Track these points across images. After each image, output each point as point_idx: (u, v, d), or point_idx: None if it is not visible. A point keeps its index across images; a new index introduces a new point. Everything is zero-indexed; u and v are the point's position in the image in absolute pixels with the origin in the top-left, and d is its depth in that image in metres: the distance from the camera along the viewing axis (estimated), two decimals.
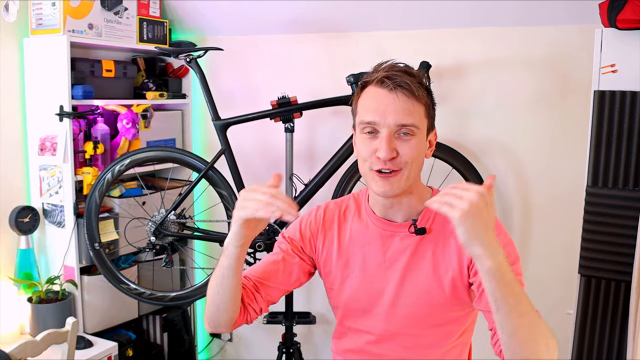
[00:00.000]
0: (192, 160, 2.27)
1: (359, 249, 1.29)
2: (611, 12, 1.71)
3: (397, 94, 1.15)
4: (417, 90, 1.15)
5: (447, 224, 1.20)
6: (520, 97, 2.19)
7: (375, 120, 1.16)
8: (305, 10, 2.41)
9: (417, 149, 1.17)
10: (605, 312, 1.85)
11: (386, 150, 1.14)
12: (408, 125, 1.15)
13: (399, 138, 1.16)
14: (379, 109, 1.16)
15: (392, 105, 1.15)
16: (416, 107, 1.16)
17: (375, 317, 1.28)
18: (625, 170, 1.78)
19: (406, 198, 1.24)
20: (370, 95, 1.19)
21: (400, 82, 1.15)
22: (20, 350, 1.61)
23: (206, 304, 1.27)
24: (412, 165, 1.17)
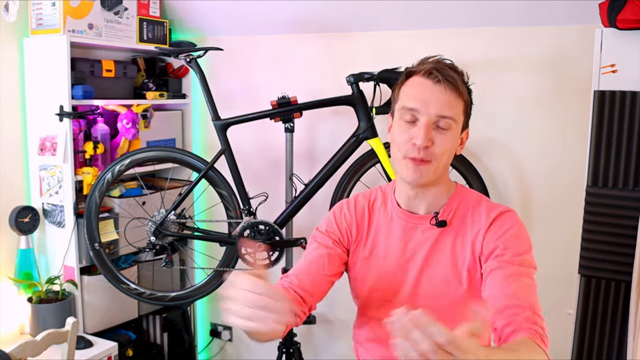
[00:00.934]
0: (192, 160, 2.27)
1: (383, 240, 1.32)
2: (611, 12, 1.71)
3: (443, 86, 1.19)
4: (461, 86, 1.21)
5: (465, 217, 1.26)
6: (520, 97, 2.19)
7: (417, 107, 1.19)
8: (305, 10, 2.41)
9: (451, 142, 1.21)
10: (605, 312, 1.85)
11: (423, 138, 1.17)
12: (448, 117, 1.18)
13: (436, 129, 1.19)
14: (423, 98, 1.19)
15: (436, 96, 1.19)
16: (458, 102, 1.20)
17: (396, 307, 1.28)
18: (625, 170, 1.78)
19: (432, 190, 1.27)
20: (415, 84, 1.22)
21: (447, 76, 1.19)
22: (20, 350, 1.61)
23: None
24: (443, 157, 1.20)
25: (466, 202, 1.29)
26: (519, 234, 1.22)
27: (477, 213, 1.26)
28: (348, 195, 2.24)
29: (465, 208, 1.28)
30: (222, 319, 2.96)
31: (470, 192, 1.32)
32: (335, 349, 2.72)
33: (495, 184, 2.26)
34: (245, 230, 2.20)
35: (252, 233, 2.20)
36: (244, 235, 2.20)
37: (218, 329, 2.97)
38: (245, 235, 2.20)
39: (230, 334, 2.94)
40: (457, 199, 1.29)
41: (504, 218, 1.23)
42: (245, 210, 2.24)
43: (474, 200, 1.29)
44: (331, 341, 2.72)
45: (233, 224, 2.27)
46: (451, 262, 1.25)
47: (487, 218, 1.24)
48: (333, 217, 1.39)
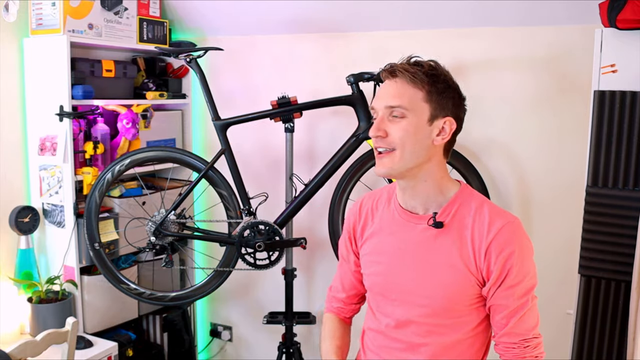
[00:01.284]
0: (192, 160, 2.27)
1: (385, 237, 1.36)
2: (611, 12, 1.71)
3: (394, 79, 1.25)
4: (417, 76, 1.23)
5: (465, 220, 1.26)
6: (520, 97, 2.19)
7: (373, 105, 1.28)
8: (305, 10, 2.41)
9: (406, 130, 1.23)
10: (605, 312, 1.84)
11: (373, 129, 1.24)
12: (395, 106, 1.23)
13: (391, 120, 1.24)
14: (379, 95, 1.28)
15: (388, 90, 1.26)
16: (410, 91, 1.23)
17: (393, 304, 1.34)
18: (625, 170, 1.78)
19: (420, 185, 1.29)
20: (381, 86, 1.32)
21: (400, 70, 1.24)
22: (20, 350, 1.61)
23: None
24: (405, 146, 1.23)
25: (468, 204, 1.28)
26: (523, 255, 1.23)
27: (479, 218, 1.26)
28: (348, 195, 2.24)
29: (467, 210, 1.28)
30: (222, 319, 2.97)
31: (473, 194, 1.32)
32: None
33: (495, 184, 2.26)
34: (245, 230, 2.20)
35: (252, 233, 2.20)
36: (244, 236, 2.20)
37: (218, 329, 2.97)
38: (245, 236, 2.20)
39: (230, 334, 2.95)
40: (458, 200, 1.29)
41: (507, 232, 1.23)
42: (245, 210, 2.24)
43: (476, 202, 1.29)
44: None
45: (233, 224, 2.27)
46: (449, 263, 1.26)
47: (489, 227, 1.24)
48: (346, 221, 1.50)
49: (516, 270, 1.22)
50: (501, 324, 1.26)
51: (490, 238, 1.22)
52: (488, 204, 1.29)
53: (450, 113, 1.27)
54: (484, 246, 1.23)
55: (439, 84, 1.26)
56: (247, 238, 2.20)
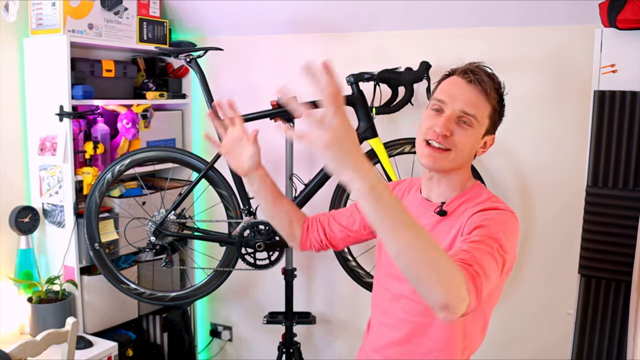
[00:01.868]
0: (192, 160, 2.27)
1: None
2: (611, 12, 1.71)
3: (473, 86, 1.27)
4: (490, 92, 1.28)
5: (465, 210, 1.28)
6: (520, 97, 2.19)
7: (444, 99, 1.28)
8: (305, 10, 2.41)
9: (469, 138, 1.27)
10: (605, 312, 1.85)
11: (442, 126, 1.25)
12: (470, 114, 1.26)
13: (459, 124, 1.26)
14: (452, 92, 1.28)
15: (464, 93, 1.27)
16: (484, 104, 1.27)
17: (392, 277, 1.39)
18: (625, 170, 1.78)
19: (445, 180, 1.33)
20: (451, 81, 1.32)
21: (479, 79, 1.27)
22: (20, 350, 1.62)
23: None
24: (461, 151, 1.27)
25: (475, 198, 1.32)
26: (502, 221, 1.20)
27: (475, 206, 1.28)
28: (348, 195, 2.24)
29: (471, 204, 1.31)
30: (222, 319, 2.97)
31: (483, 191, 1.36)
32: (335, 349, 2.72)
33: (495, 184, 2.26)
34: (246, 230, 2.20)
35: (252, 233, 2.20)
36: (244, 236, 2.20)
37: (218, 329, 2.97)
38: (245, 236, 2.20)
39: (230, 334, 2.94)
40: (468, 194, 1.33)
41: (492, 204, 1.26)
42: (245, 210, 2.24)
43: (482, 197, 1.32)
44: (331, 341, 2.72)
45: (233, 224, 2.27)
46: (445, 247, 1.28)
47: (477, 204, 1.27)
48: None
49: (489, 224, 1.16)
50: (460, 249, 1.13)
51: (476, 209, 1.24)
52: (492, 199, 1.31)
53: (495, 131, 1.36)
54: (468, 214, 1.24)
55: (502, 103, 1.33)
56: (247, 238, 2.20)
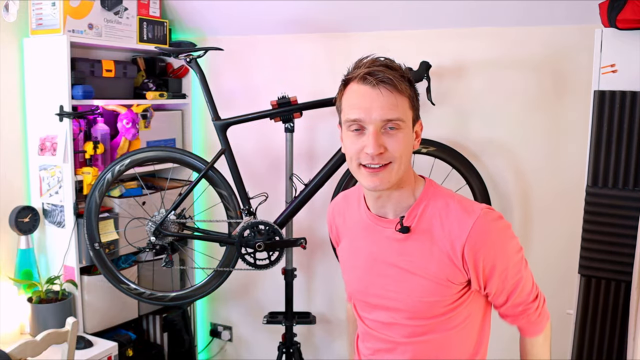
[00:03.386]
0: (192, 160, 2.27)
1: (359, 242, 1.32)
2: (611, 12, 1.71)
3: (380, 89, 1.15)
4: (400, 84, 1.16)
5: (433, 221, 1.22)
6: (520, 97, 2.19)
7: (360, 117, 1.17)
8: (305, 10, 2.41)
9: (404, 142, 1.18)
10: (605, 312, 1.84)
11: (374, 146, 1.15)
12: (393, 119, 1.15)
13: (386, 133, 1.17)
14: (363, 106, 1.16)
15: (376, 101, 1.15)
16: (400, 100, 1.16)
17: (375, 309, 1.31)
18: (625, 170, 1.78)
19: (396, 192, 1.25)
20: (353, 92, 1.20)
21: (382, 78, 1.15)
22: (20, 350, 1.62)
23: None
24: (401, 158, 1.18)
25: (434, 204, 1.24)
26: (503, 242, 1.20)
27: (447, 217, 1.21)
28: None
29: (433, 210, 1.23)
30: (222, 319, 2.97)
31: (438, 191, 1.27)
32: (335, 349, 2.72)
33: (495, 184, 2.26)
34: (245, 230, 2.20)
35: (252, 233, 2.20)
36: (244, 236, 2.20)
37: (218, 329, 2.97)
38: (245, 236, 2.20)
39: (230, 334, 2.95)
40: (424, 200, 1.25)
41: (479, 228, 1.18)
42: (245, 210, 2.24)
43: (442, 201, 1.24)
44: (331, 341, 2.72)
45: (233, 224, 2.27)
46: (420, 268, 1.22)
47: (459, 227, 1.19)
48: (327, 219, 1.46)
49: (502, 260, 1.19)
50: (501, 300, 1.26)
51: (463, 239, 1.17)
52: (453, 200, 1.23)
53: (419, 115, 1.25)
54: (459, 248, 1.18)
55: (413, 86, 1.22)
56: (247, 238, 2.20)
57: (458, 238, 1.18)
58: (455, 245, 1.18)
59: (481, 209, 1.19)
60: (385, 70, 1.16)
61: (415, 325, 1.26)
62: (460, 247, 1.18)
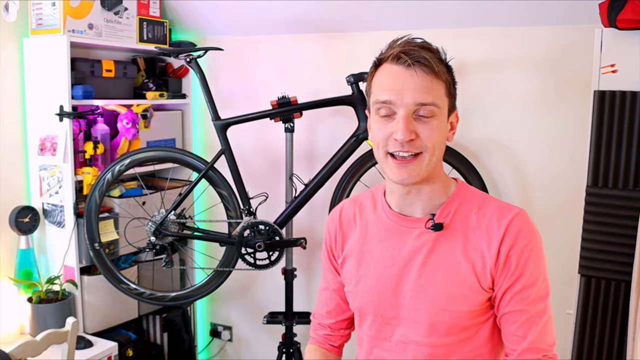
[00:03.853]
0: (192, 160, 2.27)
1: (374, 247, 1.20)
2: (611, 12, 1.71)
3: (416, 70, 1.05)
4: (437, 66, 1.06)
5: (468, 219, 1.12)
6: (520, 97, 2.19)
7: (391, 99, 1.06)
8: (305, 10, 2.41)
9: (438, 131, 1.07)
10: (605, 312, 1.84)
11: (404, 132, 1.04)
12: (427, 104, 1.05)
13: (418, 119, 1.06)
14: (395, 87, 1.06)
15: (409, 83, 1.05)
16: (436, 84, 1.06)
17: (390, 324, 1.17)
18: (625, 170, 1.78)
19: (427, 187, 1.14)
20: (385, 72, 1.10)
21: (418, 58, 1.05)
22: (20, 350, 1.61)
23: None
24: (433, 149, 1.07)
25: (468, 202, 1.14)
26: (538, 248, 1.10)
27: (484, 215, 1.11)
28: (348, 195, 2.23)
29: (468, 209, 1.13)
30: (222, 319, 2.97)
31: (473, 191, 1.18)
32: None
33: (495, 184, 2.26)
34: (245, 230, 2.20)
35: (252, 233, 2.20)
36: (244, 236, 2.20)
37: (218, 329, 2.97)
38: (245, 236, 2.20)
39: (230, 334, 2.94)
40: (457, 198, 1.15)
41: (519, 223, 1.09)
42: (245, 210, 2.24)
43: (478, 199, 1.15)
44: None
45: (233, 224, 2.27)
46: (453, 270, 1.10)
47: (498, 222, 1.09)
48: (324, 235, 1.32)
49: (532, 266, 1.08)
50: (518, 336, 1.09)
51: (501, 233, 1.08)
52: (490, 199, 1.16)
53: (456, 106, 1.14)
54: (496, 243, 1.08)
55: (451, 72, 1.12)
56: (247, 238, 2.20)
57: (496, 231, 1.09)
58: (492, 239, 1.09)
59: (520, 209, 1.13)
60: (421, 51, 1.07)
61: (433, 345, 1.12)
62: (498, 241, 1.08)
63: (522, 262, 1.08)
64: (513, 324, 1.10)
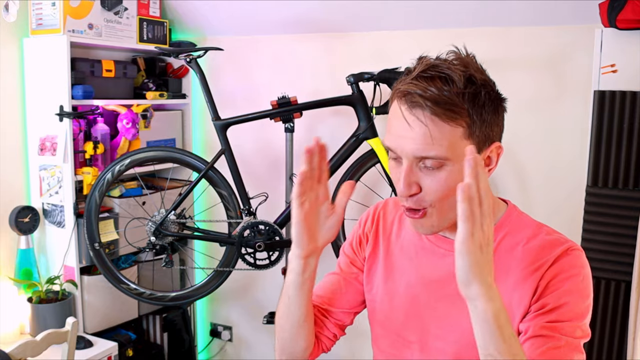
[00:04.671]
0: (192, 160, 2.27)
1: (408, 262, 1.08)
2: (611, 12, 1.71)
3: (418, 112, 0.89)
4: (460, 101, 0.89)
5: (514, 250, 0.98)
6: (520, 97, 2.19)
7: (392, 146, 0.94)
8: (305, 10, 2.41)
9: (446, 183, 0.91)
10: (605, 312, 1.85)
11: (403, 185, 0.92)
12: (429, 157, 0.90)
13: (424, 169, 0.92)
14: (395, 134, 0.93)
15: (409, 131, 0.90)
16: (445, 131, 0.89)
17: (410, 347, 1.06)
18: (625, 170, 1.78)
19: None
20: (392, 110, 0.95)
21: (427, 98, 0.88)
22: (20, 350, 1.61)
23: (275, 332, 1.13)
24: (441, 204, 0.93)
25: (518, 232, 1.00)
26: (582, 287, 0.97)
27: (533, 246, 0.98)
28: None
29: (516, 238, 0.99)
30: (222, 319, 2.97)
31: (525, 219, 1.04)
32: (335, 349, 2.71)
33: (494, 184, 2.26)
34: (245, 230, 2.20)
35: (252, 233, 2.20)
36: (244, 236, 2.20)
37: (218, 329, 2.97)
38: (245, 236, 2.20)
39: (230, 334, 2.94)
40: (506, 225, 1.02)
41: (571, 259, 0.96)
42: (245, 210, 2.24)
43: (529, 230, 1.00)
44: None
45: (233, 224, 2.27)
46: None
47: (547, 256, 0.95)
48: (357, 227, 1.18)
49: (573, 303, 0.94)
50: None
51: (547, 264, 0.94)
52: (544, 231, 1.01)
53: (496, 137, 0.97)
54: (539, 274, 0.94)
55: (479, 104, 0.92)
56: (247, 238, 2.20)
57: (543, 264, 0.95)
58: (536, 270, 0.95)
59: (576, 244, 0.99)
60: (438, 83, 0.89)
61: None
62: (542, 272, 0.94)
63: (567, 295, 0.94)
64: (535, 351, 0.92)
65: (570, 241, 0.99)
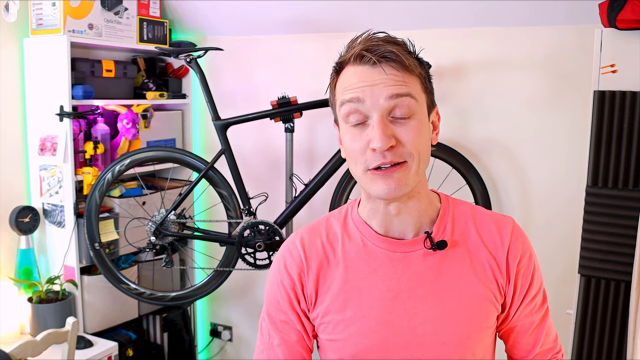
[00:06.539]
0: (192, 160, 2.27)
1: (362, 282, 0.99)
2: (611, 12, 1.71)
3: (383, 67, 0.90)
4: (408, 59, 0.91)
5: (468, 233, 1.00)
6: (520, 97, 2.19)
7: (359, 96, 0.90)
8: (305, 10, 2.41)
9: (419, 132, 0.91)
10: (605, 312, 1.85)
11: (381, 138, 0.88)
12: (403, 94, 0.89)
13: (395, 122, 0.90)
14: (362, 84, 0.90)
15: (378, 79, 0.90)
16: (409, 78, 0.91)
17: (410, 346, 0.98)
18: (625, 170, 1.78)
19: (414, 203, 0.98)
20: (349, 74, 0.93)
21: (384, 53, 0.90)
22: (20, 350, 1.62)
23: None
24: (418, 153, 0.91)
25: (461, 214, 1.02)
26: (533, 258, 1.03)
27: (482, 226, 1.01)
28: (348, 195, 2.24)
29: (463, 221, 1.01)
30: (222, 319, 2.97)
31: (458, 201, 1.06)
32: None
33: (495, 184, 2.26)
34: (246, 230, 2.20)
35: (252, 233, 2.21)
36: (244, 236, 2.20)
37: (218, 329, 2.97)
38: (245, 236, 2.20)
39: (230, 334, 2.94)
40: (448, 211, 1.02)
41: (518, 232, 1.01)
42: (245, 210, 2.24)
43: (468, 209, 1.03)
44: None
45: (233, 224, 2.27)
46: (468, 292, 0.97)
47: (500, 233, 1.00)
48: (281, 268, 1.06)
49: (537, 275, 1.03)
50: (529, 344, 1.05)
51: (506, 245, 0.99)
52: (476, 208, 1.05)
53: (434, 101, 0.99)
54: (503, 257, 0.99)
55: (424, 65, 0.96)
56: (247, 238, 2.21)
57: (501, 245, 0.99)
58: (499, 254, 0.99)
59: (510, 217, 1.05)
60: (386, 45, 0.91)
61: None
62: (504, 254, 0.99)
63: (529, 275, 1.01)
64: (523, 336, 1.05)
65: (506, 217, 1.04)
